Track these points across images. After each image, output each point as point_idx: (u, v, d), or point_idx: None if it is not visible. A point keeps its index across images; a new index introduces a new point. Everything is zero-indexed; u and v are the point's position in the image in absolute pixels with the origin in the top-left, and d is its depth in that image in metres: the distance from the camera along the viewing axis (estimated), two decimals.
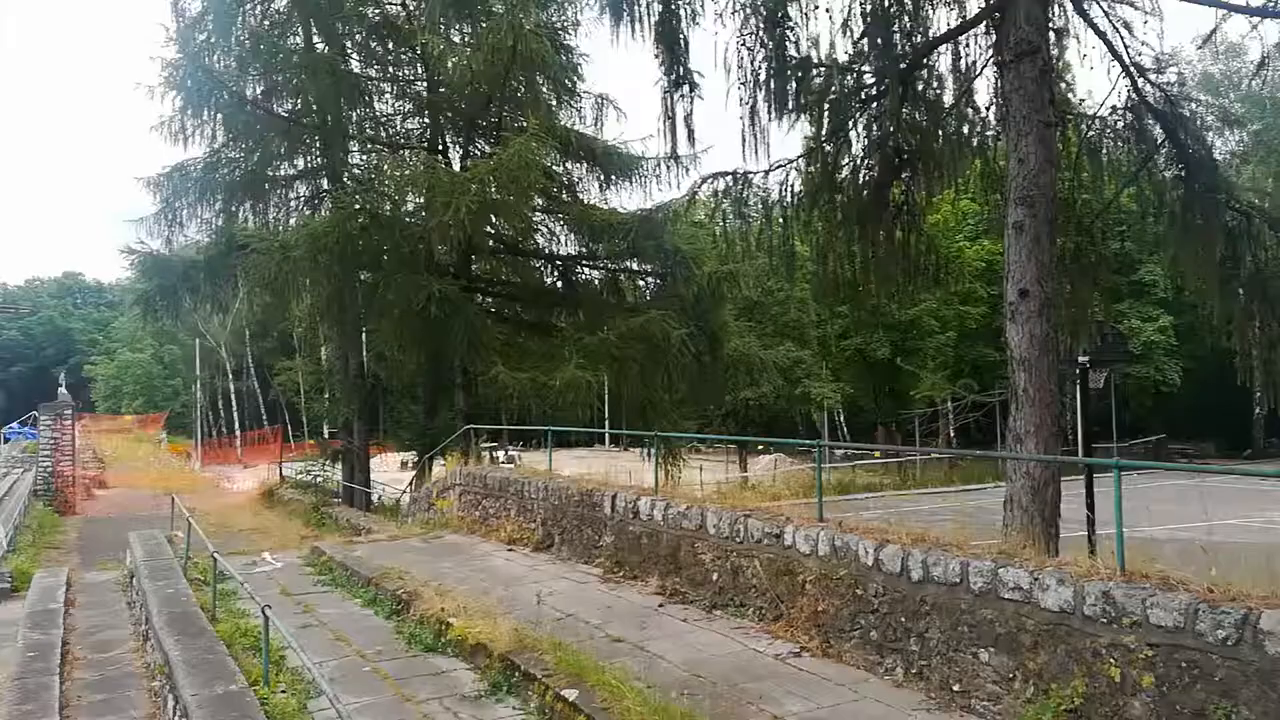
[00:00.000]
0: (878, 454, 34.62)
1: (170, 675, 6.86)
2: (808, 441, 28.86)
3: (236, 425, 70.27)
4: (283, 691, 6.87)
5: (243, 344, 66.71)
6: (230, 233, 23.53)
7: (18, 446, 53.26)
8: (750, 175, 12.95)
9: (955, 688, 6.41)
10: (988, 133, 12.89)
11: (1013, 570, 6.10)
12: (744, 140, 12.30)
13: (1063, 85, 13.20)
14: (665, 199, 21.46)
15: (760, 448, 43.47)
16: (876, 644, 7.13)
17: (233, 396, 71.65)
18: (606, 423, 37.10)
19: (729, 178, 12.97)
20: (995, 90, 11.79)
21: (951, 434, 41.66)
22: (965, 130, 13.01)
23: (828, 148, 12.91)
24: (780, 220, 13.60)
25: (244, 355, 68.45)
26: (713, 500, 10.36)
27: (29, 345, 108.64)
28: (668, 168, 22.97)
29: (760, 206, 13.36)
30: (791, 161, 13.12)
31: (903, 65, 11.83)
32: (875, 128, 12.84)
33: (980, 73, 12.25)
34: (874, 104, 12.58)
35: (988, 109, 12.61)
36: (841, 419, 53.72)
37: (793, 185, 13.20)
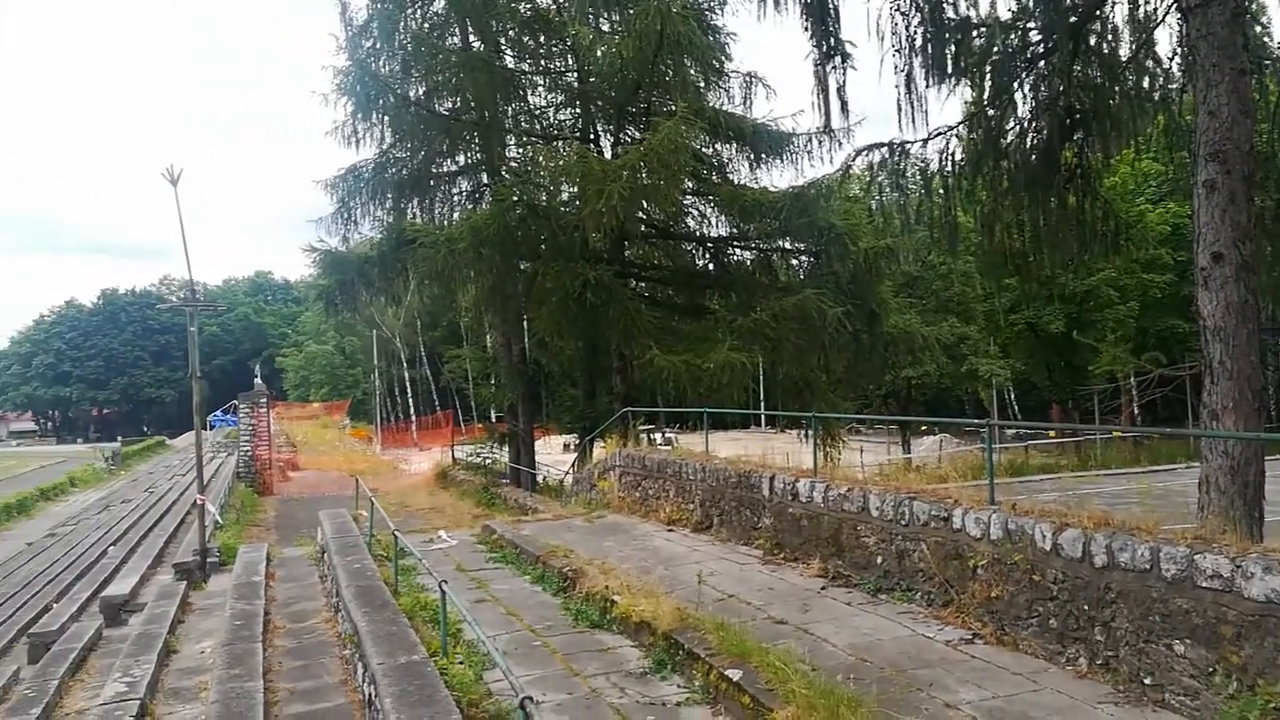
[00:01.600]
0: (1053, 433, 32.77)
1: (359, 645, 7.34)
2: (975, 421, 27.61)
3: (411, 410, 74.26)
4: (460, 663, 7.22)
5: (415, 334, 70.39)
6: (400, 229, 24.77)
7: (221, 433, 58.45)
8: (907, 145, 12.47)
9: (1146, 681, 6.01)
10: (1171, 85, 11.87)
11: (1211, 557, 5.65)
12: (899, 109, 11.85)
13: (1257, 28, 12.00)
14: (817, 175, 21.04)
15: (924, 428, 42.08)
16: (1057, 632, 6.77)
17: (407, 383, 75.79)
18: (762, 404, 36.86)
19: (884, 149, 12.53)
20: (1179, 38, 10.82)
21: (1135, 411, 38.98)
22: (1145, 84, 12.03)
23: (991, 112, 12.25)
24: (940, 191, 13.05)
25: (416, 344, 72.22)
26: (874, 482, 10.12)
27: (228, 340, 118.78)
28: (819, 142, 22.52)
29: (919, 177, 12.86)
30: (951, 129, 12.54)
31: (1073, 19, 11.07)
32: (1043, 88, 12.07)
33: (1161, 21, 11.29)
34: (1041, 62, 11.83)
35: (1170, 60, 11.61)
36: (1012, 397, 51.31)
37: (953, 153, 12.63)
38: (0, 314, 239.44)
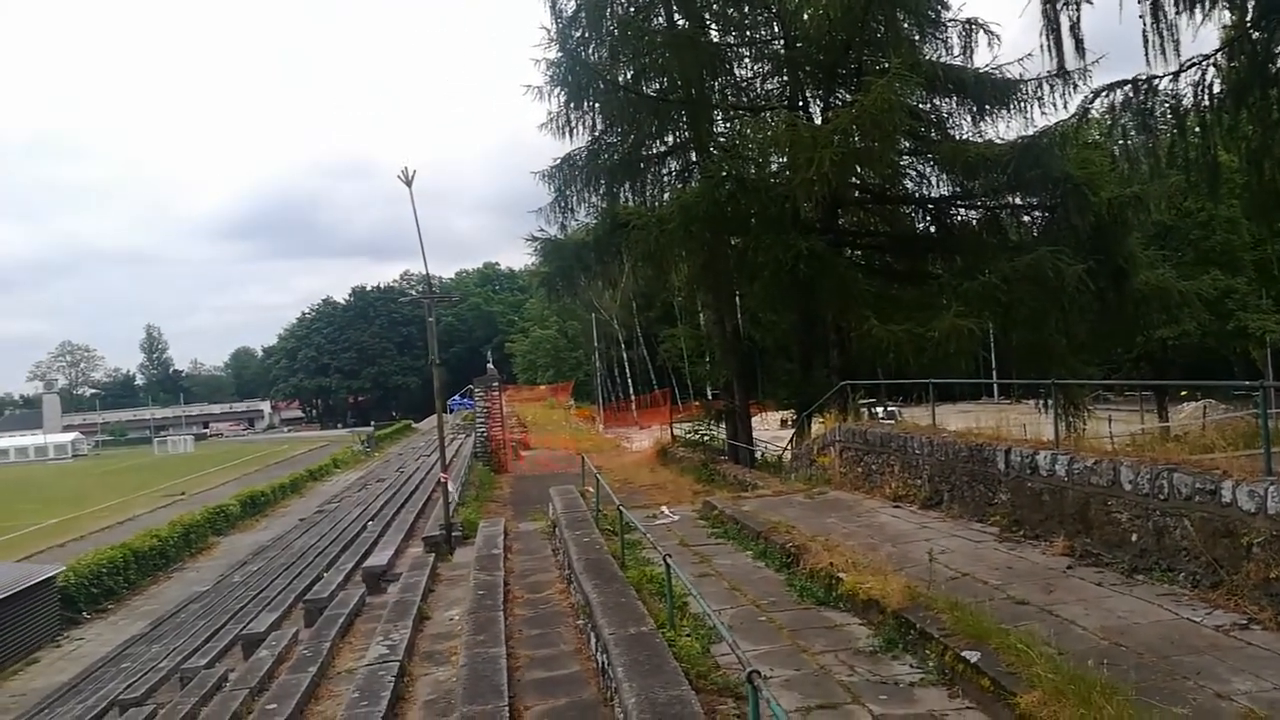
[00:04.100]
0: None
1: (591, 615, 7.61)
2: (1246, 383, 24.61)
3: (630, 390, 76.42)
4: (687, 635, 7.32)
5: (631, 315, 72.22)
6: (613, 213, 25.38)
7: (459, 415, 62.84)
8: (1155, 81, 11.32)
9: None
10: None
11: None
12: (1146, 42, 10.78)
13: None
14: (1049, 123, 19.49)
15: (1183, 393, 38.20)
16: None
17: (626, 364, 78.08)
18: (993, 373, 34.87)
19: (1128, 87, 11.45)
20: None
21: None
22: None
23: (1255, 35, 10.83)
24: (1196, 128, 11.76)
25: (633, 326, 74.10)
26: (1125, 453, 9.27)
27: (462, 328, 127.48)
28: (1051, 87, 20.64)
29: (1169, 115, 11.64)
30: (1207, 58, 11.24)
31: None
32: None
33: None
34: None
35: None
36: None
37: (1210, 85, 11.32)
38: (271, 313, 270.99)
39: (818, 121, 22.29)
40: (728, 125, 25.51)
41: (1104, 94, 11.79)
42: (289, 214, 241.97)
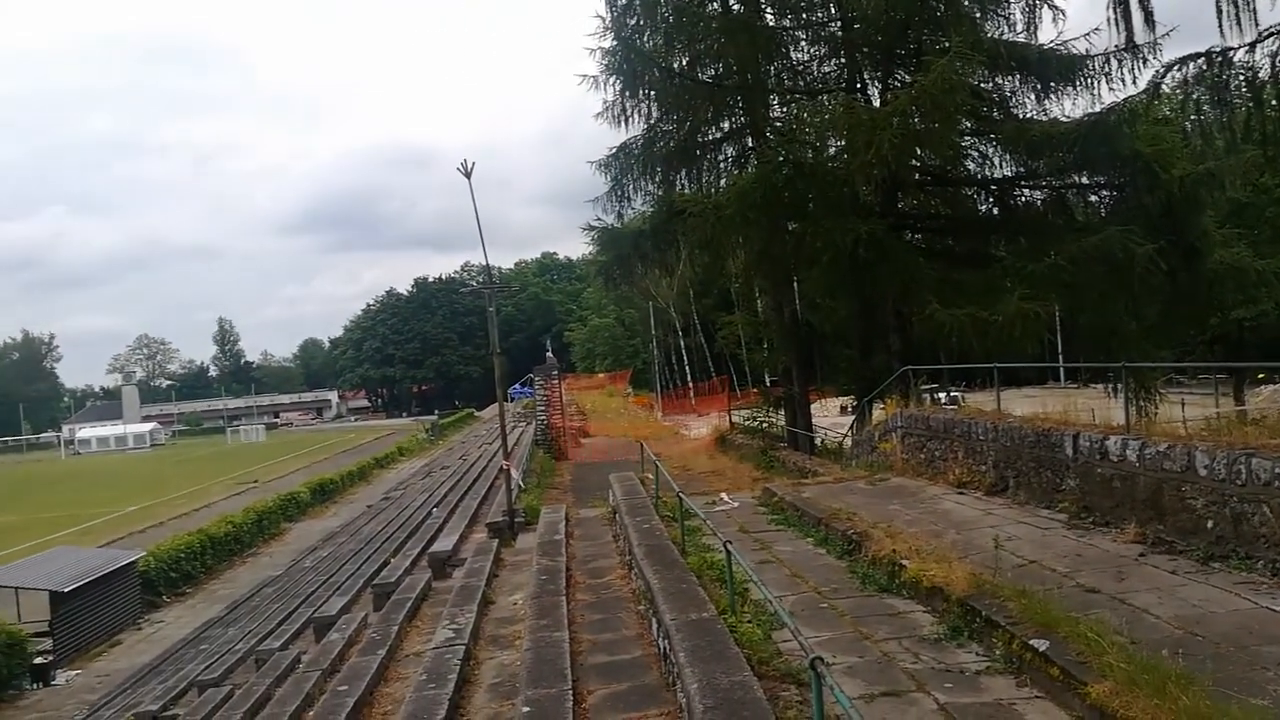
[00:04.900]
0: None
1: (652, 601, 7.66)
2: None
3: (688, 377, 76.30)
4: (748, 621, 7.33)
5: (688, 303, 72.06)
6: (669, 201, 25.33)
7: (519, 404, 63.52)
8: (1230, 52, 10.89)
9: None
10: None
11: None
12: (1220, 11, 10.38)
13: None
14: (1117, 100, 18.93)
15: (1260, 375, 36.84)
16: None
17: (683, 351, 77.94)
18: (1060, 357, 34.06)
19: (1201, 60, 11.05)
20: None
21: None
22: None
23: None
24: (1274, 101, 11.28)
25: (690, 313, 73.94)
26: (1200, 437, 8.99)
27: (521, 318, 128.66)
28: (1119, 62, 20.03)
29: (1245, 88, 11.18)
30: None
31: None
32: None
33: None
34: None
35: None
36: None
37: None
38: (338, 305, 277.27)
39: (876, 104, 21.96)
40: (784, 110, 25.28)
41: (1176, 68, 11.43)
42: (354, 206, 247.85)
